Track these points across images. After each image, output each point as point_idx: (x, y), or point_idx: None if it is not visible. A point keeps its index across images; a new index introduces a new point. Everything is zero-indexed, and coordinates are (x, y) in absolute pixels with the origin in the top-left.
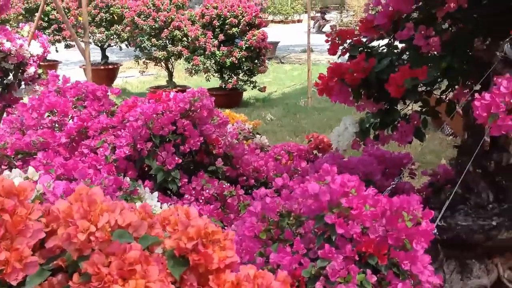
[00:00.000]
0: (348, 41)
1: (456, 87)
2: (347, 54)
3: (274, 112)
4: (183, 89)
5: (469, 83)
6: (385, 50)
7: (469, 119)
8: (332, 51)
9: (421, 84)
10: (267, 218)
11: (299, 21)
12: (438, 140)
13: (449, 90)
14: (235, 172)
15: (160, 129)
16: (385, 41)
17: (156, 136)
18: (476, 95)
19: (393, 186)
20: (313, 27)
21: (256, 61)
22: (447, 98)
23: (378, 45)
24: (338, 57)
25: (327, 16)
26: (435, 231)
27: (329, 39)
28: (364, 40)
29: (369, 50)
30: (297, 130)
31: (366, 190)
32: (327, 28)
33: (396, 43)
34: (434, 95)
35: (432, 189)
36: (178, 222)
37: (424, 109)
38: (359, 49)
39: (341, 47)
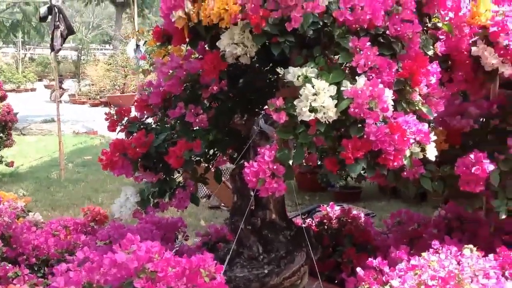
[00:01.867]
0: (125, 118)
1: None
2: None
3: (26, 187)
4: None
5: (230, 152)
6: (159, 126)
7: (237, 184)
8: (111, 128)
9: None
10: None
11: (32, 89)
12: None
13: (215, 159)
14: (14, 252)
15: None
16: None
17: None
18: (246, 163)
19: (177, 248)
20: (50, 96)
21: (2, 135)
22: (214, 166)
23: (152, 121)
24: None
25: (64, 85)
26: None
27: (108, 117)
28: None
29: (145, 127)
30: (54, 204)
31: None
32: (65, 97)
33: None
34: (203, 164)
35: (206, 247)
36: None
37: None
38: (137, 125)
39: (119, 124)
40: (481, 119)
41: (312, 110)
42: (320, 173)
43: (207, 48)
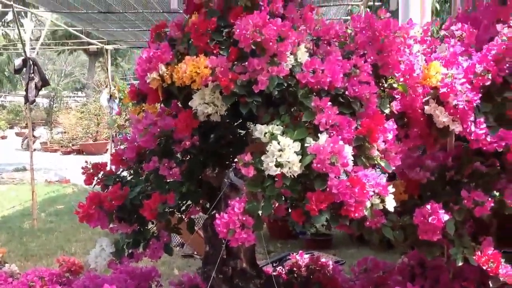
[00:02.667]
0: (101, 172)
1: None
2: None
3: None
4: None
5: (202, 202)
6: (134, 179)
7: (209, 234)
8: (88, 181)
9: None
10: None
11: (3, 137)
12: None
13: (188, 210)
14: None
15: None
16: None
17: None
18: (217, 214)
19: None
20: (22, 143)
21: None
22: (187, 217)
23: (127, 175)
24: None
25: (35, 133)
26: None
27: (84, 171)
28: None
29: (120, 180)
30: (27, 254)
31: None
32: (37, 145)
33: None
34: (176, 214)
35: None
36: None
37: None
38: (112, 179)
39: (96, 178)
40: (437, 171)
41: (278, 165)
42: (290, 221)
43: (179, 106)
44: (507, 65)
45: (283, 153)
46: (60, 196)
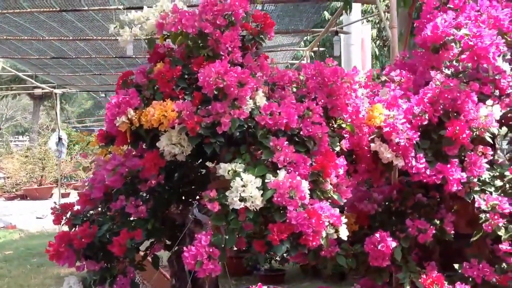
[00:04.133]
0: (69, 212)
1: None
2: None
3: None
4: None
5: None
6: (100, 218)
7: (175, 269)
8: (56, 221)
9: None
10: None
11: None
12: None
13: (152, 246)
14: None
15: None
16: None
17: None
18: (185, 248)
19: None
20: None
21: None
22: (150, 254)
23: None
24: None
25: None
26: None
27: (53, 211)
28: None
29: (88, 219)
30: None
31: None
32: None
33: None
34: (140, 251)
35: None
36: None
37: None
38: (81, 218)
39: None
40: (384, 203)
41: (242, 199)
42: (245, 257)
43: (144, 147)
44: (441, 106)
45: (246, 188)
46: (7, 242)
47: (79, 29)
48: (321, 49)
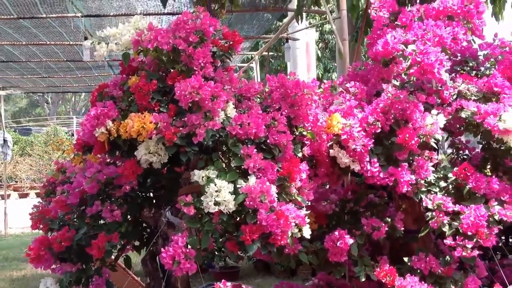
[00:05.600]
0: (47, 217)
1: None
2: None
3: None
4: None
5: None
6: (77, 223)
7: (149, 268)
8: (34, 226)
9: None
10: None
11: None
12: None
13: (125, 248)
14: None
15: None
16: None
17: None
18: (162, 249)
19: None
20: None
21: None
22: (123, 254)
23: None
24: None
25: None
26: None
27: (31, 216)
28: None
29: (65, 224)
30: None
31: None
32: None
33: None
34: (114, 252)
35: None
36: None
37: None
38: (58, 223)
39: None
40: (340, 203)
41: (216, 203)
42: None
43: (120, 156)
44: (392, 116)
45: (220, 193)
46: None
47: (33, 35)
48: (271, 53)
